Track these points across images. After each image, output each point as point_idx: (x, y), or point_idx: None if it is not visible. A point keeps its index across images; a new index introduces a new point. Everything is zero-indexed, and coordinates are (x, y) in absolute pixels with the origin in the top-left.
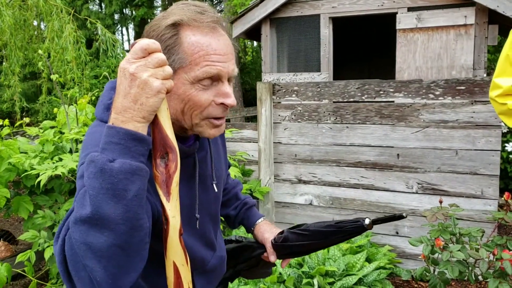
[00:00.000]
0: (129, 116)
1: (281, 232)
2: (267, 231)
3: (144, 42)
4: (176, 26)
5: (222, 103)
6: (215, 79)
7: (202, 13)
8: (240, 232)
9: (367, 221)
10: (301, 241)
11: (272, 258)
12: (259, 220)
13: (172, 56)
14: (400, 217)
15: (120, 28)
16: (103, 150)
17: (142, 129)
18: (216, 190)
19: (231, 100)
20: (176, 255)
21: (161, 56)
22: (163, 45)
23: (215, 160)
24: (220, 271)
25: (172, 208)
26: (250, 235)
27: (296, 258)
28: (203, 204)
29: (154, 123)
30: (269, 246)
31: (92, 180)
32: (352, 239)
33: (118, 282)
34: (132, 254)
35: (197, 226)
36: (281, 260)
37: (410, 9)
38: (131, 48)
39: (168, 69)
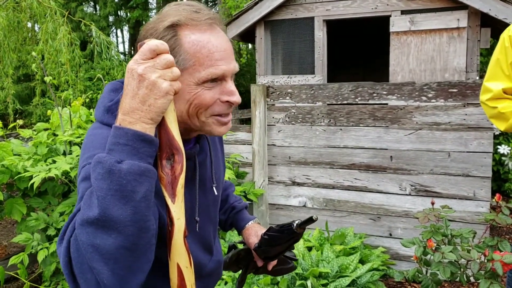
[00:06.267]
0: (137, 117)
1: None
2: (252, 234)
3: (152, 43)
4: (174, 27)
5: (227, 101)
6: (220, 78)
7: (197, 12)
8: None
9: (294, 225)
10: (268, 245)
11: (259, 262)
12: (248, 224)
13: (174, 58)
14: (311, 219)
15: (114, 30)
16: (110, 151)
17: (150, 130)
18: (216, 193)
19: (236, 98)
20: (180, 257)
21: (169, 57)
22: None
23: (215, 163)
24: (217, 275)
25: (177, 210)
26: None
27: None
28: (203, 207)
29: (161, 125)
30: (254, 252)
31: (100, 182)
32: (346, 241)
33: (125, 284)
34: (139, 256)
35: (197, 229)
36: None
37: (403, 12)
38: (139, 48)
39: (176, 71)
